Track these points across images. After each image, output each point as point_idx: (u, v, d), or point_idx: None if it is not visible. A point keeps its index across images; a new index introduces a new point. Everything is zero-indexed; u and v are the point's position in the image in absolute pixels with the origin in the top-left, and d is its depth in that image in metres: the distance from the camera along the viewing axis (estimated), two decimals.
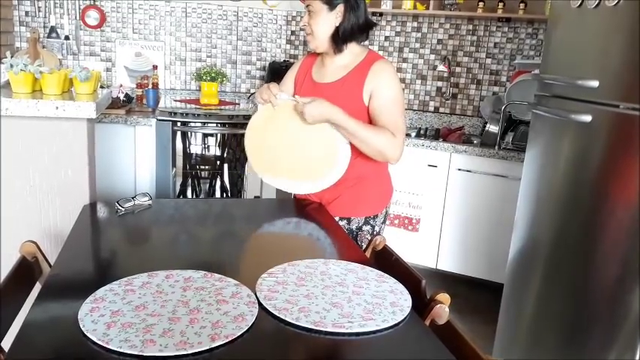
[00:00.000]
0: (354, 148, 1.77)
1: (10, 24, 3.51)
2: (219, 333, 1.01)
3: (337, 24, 1.78)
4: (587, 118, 1.94)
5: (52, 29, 3.55)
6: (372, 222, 1.89)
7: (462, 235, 3.33)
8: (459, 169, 3.26)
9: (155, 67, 3.78)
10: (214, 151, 3.49)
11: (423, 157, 3.29)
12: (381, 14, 3.85)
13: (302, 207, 1.93)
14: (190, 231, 1.68)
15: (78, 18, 3.63)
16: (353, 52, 1.83)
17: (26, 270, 1.36)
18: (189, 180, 3.49)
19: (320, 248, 1.60)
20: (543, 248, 2.20)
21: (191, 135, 3.38)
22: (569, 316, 2.05)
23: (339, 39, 1.79)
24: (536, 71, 2.42)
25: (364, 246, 1.76)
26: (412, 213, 3.41)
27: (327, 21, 1.77)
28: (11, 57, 1.89)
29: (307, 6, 1.79)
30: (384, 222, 1.95)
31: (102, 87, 2.50)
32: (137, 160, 3.25)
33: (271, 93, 1.79)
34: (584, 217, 1.99)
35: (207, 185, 3.55)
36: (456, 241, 3.35)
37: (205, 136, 3.41)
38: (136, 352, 0.94)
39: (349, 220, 1.87)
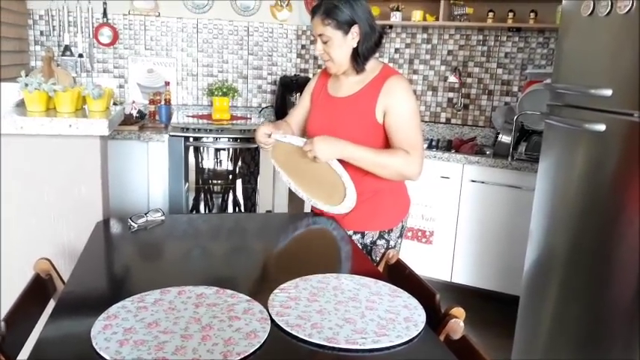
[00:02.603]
0: None
1: (25, 43, 3.57)
2: (231, 350, 1.00)
3: (354, 45, 1.75)
4: (601, 127, 1.92)
5: (67, 48, 3.61)
6: (386, 236, 1.87)
7: (476, 247, 3.29)
8: (472, 181, 3.24)
9: (167, 83, 3.82)
10: (227, 165, 3.50)
11: (435, 168, 3.28)
12: (390, 26, 3.86)
13: (314, 221, 1.92)
14: (203, 246, 1.68)
15: (91, 36, 3.69)
16: (368, 66, 1.81)
17: (40, 287, 1.37)
18: (202, 195, 3.50)
19: (332, 263, 1.59)
20: (559, 259, 2.17)
21: (203, 150, 3.39)
22: (586, 327, 2.01)
23: (360, 59, 1.77)
24: (548, 81, 2.40)
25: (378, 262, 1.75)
26: (425, 225, 3.39)
27: (344, 44, 1.75)
28: (26, 76, 1.92)
29: (320, 35, 1.75)
30: (400, 237, 1.92)
31: (115, 104, 2.52)
32: (150, 175, 3.27)
33: (264, 136, 1.83)
34: (599, 227, 1.96)
35: (220, 200, 3.56)
36: (471, 254, 3.32)
37: (217, 150, 3.43)
38: None
39: (363, 235, 1.86)
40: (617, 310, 1.88)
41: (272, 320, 1.13)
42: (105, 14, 3.69)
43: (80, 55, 3.66)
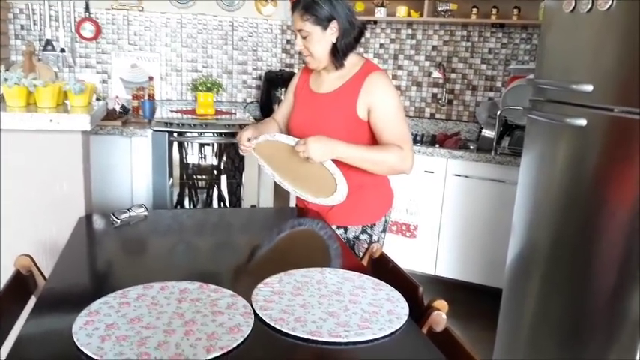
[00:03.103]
0: None
1: (6, 38, 3.52)
2: (214, 344, 1.00)
3: (334, 40, 1.75)
4: (582, 122, 1.95)
5: (48, 42, 3.56)
6: (369, 231, 1.88)
7: (459, 240, 3.32)
8: (456, 175, 3.26)
9: (151, 78, 3.79)
10: (211, 160, 3.49)
11: (419, 163, 3.29)
12: (375, 22, 3.86)
13: (299, 216, 1.92)
14: (186, 241, 1.67)
15: (73, 31, 3.64)
16: (350, 62, 1.81)
17: (21, 284, 1.36)
18: (187, 190, 3.48)
19: (316, 257, 1.59)
20: (541, 252, 2.20)
21: (188, 145, 3.38)
22: (568, 319, 2.04)
23: (339, 55, 1.77)
24: (531, 76, 2.42)
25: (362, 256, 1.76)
26: (410, 219, 3.41)
27: (323, 40, 1.75)
28: (6, 70, 1.89)
29: (299, 31, 1.75)
30: (383, 231, 1.93)
31: (98, 99, 2.50)
32: (134, 171, 3.25)
33: (244, 142, 1.82)
34: (581, 221, 1.98)
35: (205, 195, 3.55)
36: (454, 247, 3.35)
37: (202, 146, 3.41)
38: None
39: (346, 229, 1.87)
40: (598, 303, 1.91)
41: (255, 314, 1.13)
42: (87, 9, 3.64)
43: (62, 50, 3.62)
